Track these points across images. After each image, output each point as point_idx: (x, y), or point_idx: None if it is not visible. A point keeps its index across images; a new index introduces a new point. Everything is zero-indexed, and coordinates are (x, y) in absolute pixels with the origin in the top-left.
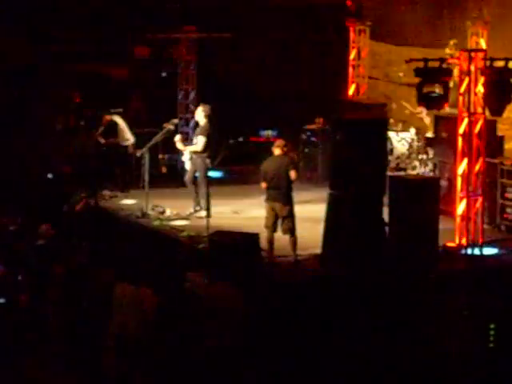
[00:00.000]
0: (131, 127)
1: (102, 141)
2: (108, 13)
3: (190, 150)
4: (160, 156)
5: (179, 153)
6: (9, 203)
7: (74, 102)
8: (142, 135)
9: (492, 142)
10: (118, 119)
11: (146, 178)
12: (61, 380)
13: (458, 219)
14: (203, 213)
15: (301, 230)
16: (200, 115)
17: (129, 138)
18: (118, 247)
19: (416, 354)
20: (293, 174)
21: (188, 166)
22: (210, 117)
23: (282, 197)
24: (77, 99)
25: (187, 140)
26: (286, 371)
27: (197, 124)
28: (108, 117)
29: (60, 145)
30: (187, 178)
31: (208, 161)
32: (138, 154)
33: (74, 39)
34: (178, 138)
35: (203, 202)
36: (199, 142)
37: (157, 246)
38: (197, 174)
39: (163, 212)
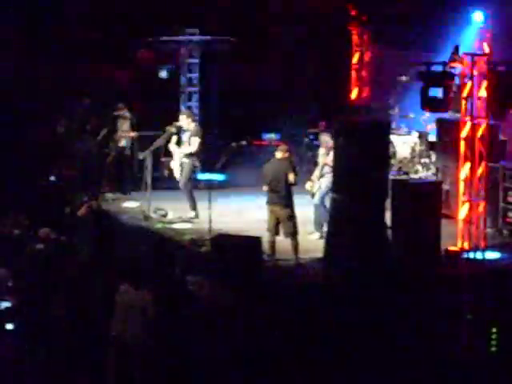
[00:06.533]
0: (134, 130)
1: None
2: (110, 16)
3: (185, 152)
4: (162, 159)
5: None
6: (11, 206)
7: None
8: (144, 138)
9: (495, 146)
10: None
11: (149, 180)
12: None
13: (461, 223)
14: (192, 213)
15: (303, 233)
16: (186, 121)
17: (126, 141)
18: (119, 250)
19: (418, 357)
20: (291, 177)
21: (178, 172)
22: (196, 120)
23: (281, 200)
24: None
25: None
26: (287, 373)
27: (180, 130)
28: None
29: (62, 148)
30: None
31: (197, 163)
32: (141, 156)
33: (77, 42)
34: (173, 140)
35: (190, 203)
36: (193, 143)
37: (159, 249)
38: (180, 176)
39: (165, 215)
